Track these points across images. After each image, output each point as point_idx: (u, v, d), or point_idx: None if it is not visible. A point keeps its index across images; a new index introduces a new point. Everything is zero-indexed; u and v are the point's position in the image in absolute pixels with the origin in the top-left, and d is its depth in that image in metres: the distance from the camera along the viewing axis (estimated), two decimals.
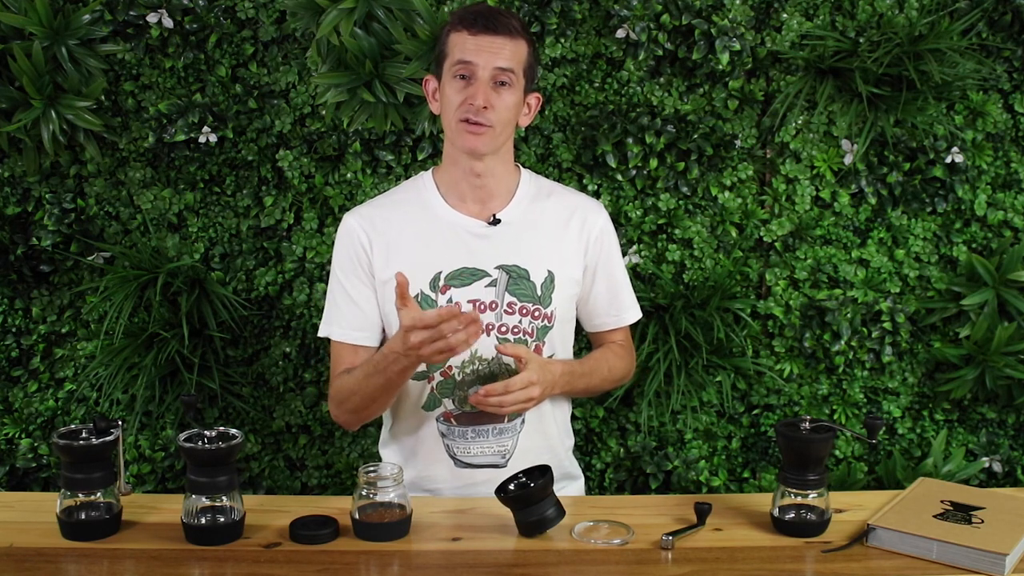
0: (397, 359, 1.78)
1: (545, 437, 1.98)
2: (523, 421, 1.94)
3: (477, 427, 1.91)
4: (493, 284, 1.91)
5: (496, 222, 1.94)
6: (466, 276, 1.91)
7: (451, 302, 1.90)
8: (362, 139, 2.47)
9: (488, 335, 1.90)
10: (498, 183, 1.96)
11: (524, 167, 2.04)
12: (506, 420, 1.91)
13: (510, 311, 1.92)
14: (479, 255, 1.92)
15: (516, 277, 1.92)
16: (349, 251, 1.96)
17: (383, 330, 2.00)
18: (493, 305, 1.91)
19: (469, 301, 1.90)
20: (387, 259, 1.93)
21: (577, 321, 2.09)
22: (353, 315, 1.95)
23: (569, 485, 2.07)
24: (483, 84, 1.84)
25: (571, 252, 1.98)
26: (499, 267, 1.92)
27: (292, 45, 2.46)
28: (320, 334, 1.99)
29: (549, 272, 1.94)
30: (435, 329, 1.68)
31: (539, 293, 1.93)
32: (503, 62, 1.85)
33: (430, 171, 2.02)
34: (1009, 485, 2.53)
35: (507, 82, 1.86)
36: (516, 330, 1.92)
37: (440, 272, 1.91)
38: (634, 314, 2.10)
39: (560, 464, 2.01)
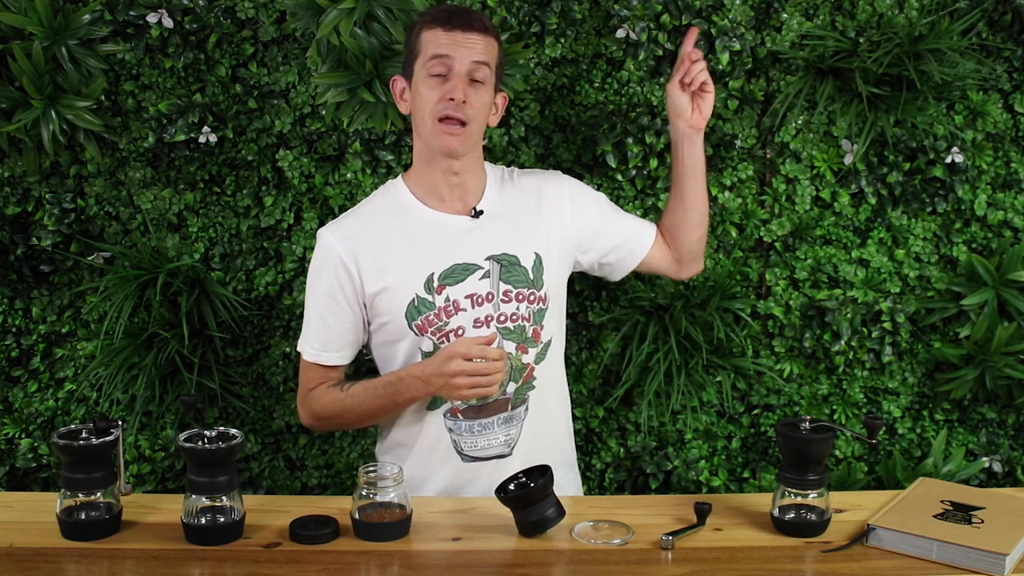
0: (413, 384, 1.86)
1: (549, 423, 2.03)
2: (527, 409, 1.96)
3: (483, 420, 1.93)
4: (486, 276, 1.92)
5: (479, 214, 1.96)
6: (459, 272, 1.92)
7: (448, 301, 1.90)
8: (362, 139, 2.47)
9: (488, 327, 1.92)
10: (474, 180, 1.99)
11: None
12: (510, 408, 1.93)
13: (506, 299, 1.93)
14: (468, 249, 1.93)
15: (507, 264, 1.94)
16: (326, 271, 1.95)
17: (362, 345, 2.02)
18: (490, 296, 1.92)
19: (466, 297, 1.91)
20: (378, 272, 1.92)
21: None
22: (325, 335, 1.97)
23: (569, 473, 2.10)
24: (461, 79, 1.86)
25: (552, 232, 2.00)
26: (489, 258, 1.93)
27: (292, 45, 2.46)
28: (298, 348, 2.02)
29: (536, 255, 1.96)
30: (481, 361, 1.78)
31: (531, 276, 1.95)
32: (479, 56, 1.88)
33: (399, 177, 2.03)
34: (1009, 485, 2.53)
35: (481, 80, 1.89)
36: (514, 317, 1.93)
37: (433, 273, 1.91)
38: (649, 226, 2.14)
39: (561, 449, 2.07)
